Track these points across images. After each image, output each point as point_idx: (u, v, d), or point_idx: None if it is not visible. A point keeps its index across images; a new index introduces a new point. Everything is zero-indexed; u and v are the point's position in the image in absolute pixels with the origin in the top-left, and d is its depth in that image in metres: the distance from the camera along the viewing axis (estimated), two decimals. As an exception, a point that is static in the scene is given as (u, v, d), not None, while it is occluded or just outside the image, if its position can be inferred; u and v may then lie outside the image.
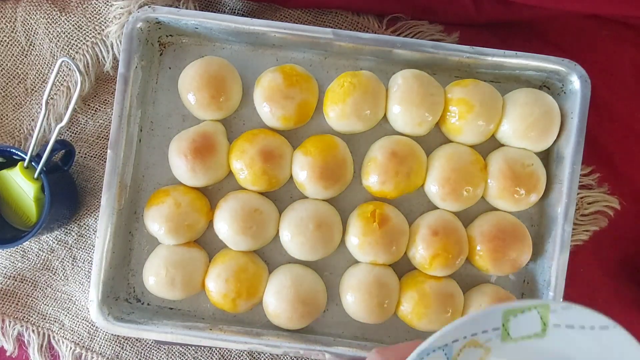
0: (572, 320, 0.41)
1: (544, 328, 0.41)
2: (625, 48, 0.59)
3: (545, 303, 0.40)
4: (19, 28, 0.57)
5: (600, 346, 0.41)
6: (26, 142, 0.58)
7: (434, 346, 0.41)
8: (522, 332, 0.41)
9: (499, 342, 0.42)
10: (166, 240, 0.53)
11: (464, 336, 0.41)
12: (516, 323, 0.41)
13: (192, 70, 0.53)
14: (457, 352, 0.42)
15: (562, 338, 0.41)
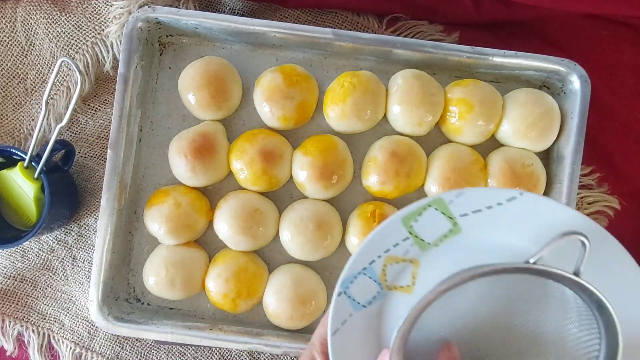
0: (475, 204, 0.40)
1: (453, 222, 0.40)
2: (625, 48, 0.59)
3: (437, 197, 0.40)
4: (19, 28, 0.57)
5: (516, 218, 0.39)
6: (26, 142, 0.58)
7: (353, 273, 0.41)
8: (435, 234, 0.41)
9: (420, 252, 0.41)
10: (166, 240, 0.53)
11: (377, 255, 0.41)
12: (422, 227, 0.40)
13: (192, 70, 0.53)
14: (382, 272, 0.41)
15: (477, 225, 0.40)
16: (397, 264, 0.41)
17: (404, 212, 0.40)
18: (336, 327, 0.40)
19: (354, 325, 0.41)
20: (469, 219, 0.40)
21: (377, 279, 0.41)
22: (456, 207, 0.40)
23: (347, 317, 0.41)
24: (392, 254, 0.41)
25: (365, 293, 0.41)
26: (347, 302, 0.41)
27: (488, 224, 0.40)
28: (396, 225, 0.40)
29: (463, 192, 0.39)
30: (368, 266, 0.41)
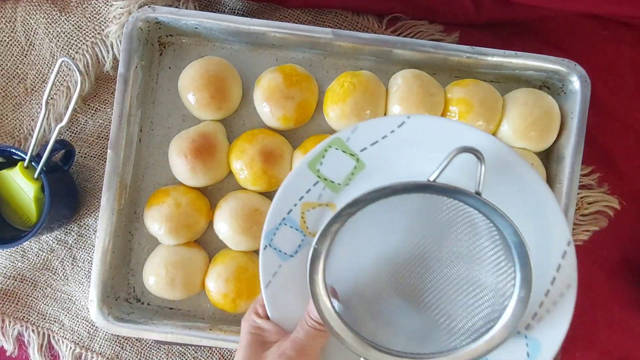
0: (370, 137, 0.41)
1: (356, 159, 0.41)
2: (625, 48, 0.59)
3: (334, 137, 0.41)
4: (19, 28, 0.57)
5: (412, 142, 0.41)
6: (26, 142, 0.58)
7: (274, 225, 0.42)
8: (342, 173, 0.42)
9: (334, 194, 0.42)
10: (166, 240, 0.53)
11: (293, 204, 0.42)
12: (328, 169, 0.42)
13: (192, 70, 0.53)
14: (301, 219, 0.42)
15: (378, 157, 0.41)
16: (315, 210, 0.42)
17: (307, 157, 0.41)
18: (268, 280, 0.42)
19: (285, 275, 0.42)
20: (369, 152, 0.41)
21: (298, 228, 0.42)
22: (354, 143, 0.41)
23: (277, 268, 0.42)
24: (307, 201, 0.42)
25: (290, 243, 0.42)
26: (274, 254, 0.42)
27: (388, 153, 0.41)
28: (304, 171, 0.42)
29: (357, 127, 0.41)
30: (287, 216, 0.42)
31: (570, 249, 0.39)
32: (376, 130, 0.41)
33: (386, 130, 0.41)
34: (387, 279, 0.39)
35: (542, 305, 0.40)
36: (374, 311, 0.39)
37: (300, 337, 0.38)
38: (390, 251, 0.39)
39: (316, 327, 0.38)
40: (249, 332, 0.41)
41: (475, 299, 0.37)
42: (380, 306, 0.39)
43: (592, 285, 0.58)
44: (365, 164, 0.42)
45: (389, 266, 0.39)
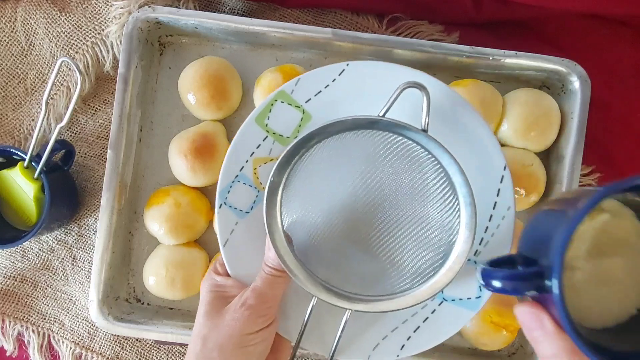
0: (314, 87, 0.42)
1: (301, 110, 0.43)
2: (625, 48, 0.59)
3: (279, 90, 0.42)
4: (19, 28, 0.57)
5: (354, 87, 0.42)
6: (26, 142, 0.58)
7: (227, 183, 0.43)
8: (290, 126, 0.43)
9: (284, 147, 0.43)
10: (166, 240, 0.53)
11: (245, 160, 0.43)
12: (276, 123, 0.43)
13: (192, 70, 0.53)
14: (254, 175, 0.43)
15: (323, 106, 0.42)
16: (266, 165, 0.43)
17: (254, 112, 0.42)
18: (225, 238, 0.43)
19: (242, 232, 0.43)
20: (314, 102, 0.42)
21: (252, 184, 0.43)
22: (299, 95, 0.42)
23: (234, 226, 0.43)
24: (258, 156, 0.43)
25: (245, 200, 0.43)
26: (230, 212, 0.43)
27: (332, 102, 0.42)
28: (252, 127, 0.42)
29: (299, 78, 0.42)
30: (239, 173, 0.43)
31: (506, 172, 0.41)
32: (318, 80, 0.42)
33: (328, 79, 0.42)
34: (339, 223, 0.40)
35: (487, 230, 0.42)
36: (328, 256, 0.40)
37: (260, 285, 0.39)
38: (341, 195, 0.40)
39: (274, 273, 0.39)
40: (209, 291, 0.41)
41: (426, 236, 0.39)
42: (335, 251, 0.40)
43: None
44: (311, 115, 0.43)
45: (341, 210, 0.40)
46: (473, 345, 0.55)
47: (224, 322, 0.38)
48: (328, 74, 0.42)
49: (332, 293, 0.39)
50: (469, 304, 0.42)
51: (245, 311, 0.38)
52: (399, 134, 0.38)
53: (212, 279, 0.42)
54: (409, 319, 0.43)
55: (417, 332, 0.43)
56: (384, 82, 0.41)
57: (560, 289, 0.27)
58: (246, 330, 0.38)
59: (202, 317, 0.40)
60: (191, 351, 0.39)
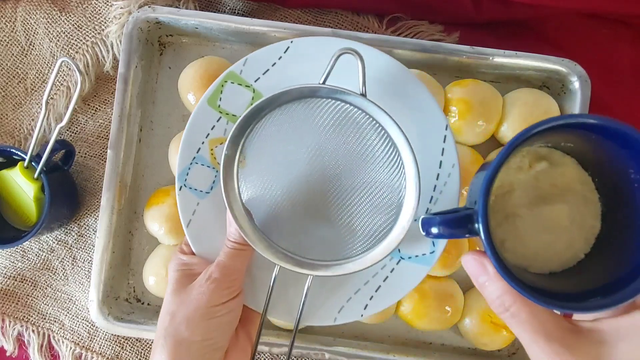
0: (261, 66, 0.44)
1: (251, 89, 0.44)
2: (625, 47, 0.59)
3: (228, 71, 0.44)
4: (19, 28, 0.57)
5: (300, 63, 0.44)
6: (26, 142, 0.58)
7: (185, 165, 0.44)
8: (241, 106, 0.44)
9: None
10: (166, 240, 0.53)
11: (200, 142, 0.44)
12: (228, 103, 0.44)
13: (192, 70, 0.53)
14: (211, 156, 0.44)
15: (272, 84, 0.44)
16: (222, 145, 0.44)
17: (206, 94, 0.44)
18: (188, 219, 0.44)
19: (204, 211, 0.44)
20: (262, 81, 0.44)
21: (209, 164, 0.44)
22: (247, 75, 0.44)
23: (195, 206, 0.44)
24: (213, 137, 0.44)
25: (204, 180, 0.44)
26: (190, 194, 0.44)
27: (280, 79, 0.44)
28: (204, 109, 0.44)
29: (247, 58, 0.44)
30: (196, 155, 0.44)
31: (448, 132, 0.43)
32: (265, 58, 0.44)
33: (274, 57, 0.44)
34: (295, 192, 0.41)
35: (435, 189, 0.44)
36: (287, 226, 0.42)
37: (224, 259, 0.40)
38: (294, 166, 0.41)
39: (236, 247, 0.41)
40: (176, 270, 0.42)
41: (377, 199, 0.40)
42: (293, 220, 0.42)
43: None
44: (261, 93, 0.44)
45: (296, 180, 0.41)
46: (473, 345, 0.55)
47: (190, 297, 0.40)
48: (274, 52, 0.44)
49: (293, 261, 0.41)
50: (424, 260, 0.45)
51: (211, 284, 0.39)
52: (341, 101, 0.39)
53: (178, 259, 0.43)
54: (370, 280, 0.45)
55: (378, 291, 0.45)
56: (328, 57, 0.42)
57: (485, 229, 0.28)
58: (212, 303, 0.39)
59: (169, 295, 0.41)
60: (160, 327, 0.40)
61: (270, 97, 0.39)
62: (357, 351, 0.52)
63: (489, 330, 0.52)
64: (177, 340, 0.38)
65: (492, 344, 0.53)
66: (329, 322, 0.45)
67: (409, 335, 0.55)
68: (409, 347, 0.54)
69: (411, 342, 0.55)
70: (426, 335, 0.55)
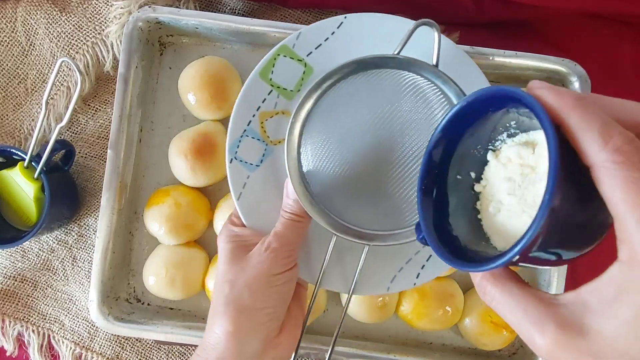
0: (314, 40, 0.44)
1: (303, 63, 0.45)
2: (625, 47, 0.59)
3: (281, 45, 0.44)
4: (19, 28, 0.57)
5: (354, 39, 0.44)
6: (26, 142, 0.58)
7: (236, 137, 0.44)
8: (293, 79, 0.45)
9: (288, 101, 0.45)
10: (166, 240, 0.53)
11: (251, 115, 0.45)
12: (280, 76, 0.44)
13: (192, 70, 0.53)
14: (261, 129, 0.45)
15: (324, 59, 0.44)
16: (272, 118, 0.45)
17: (258, 67, 0.44)
18: (239, 192, 0.44)
19: (254, 185, 0.44)
20: (314, 55, 0.44)
21: (260, 137, 0.45)
22: (300, 49, 0.44)
23: (245, 179, 0.44)
24: (264, 110, 0.45)
25: (255, 153, 0.45)
26: (241, 166, 0.44)
27: (333, 54, 0.44)
28: (256, 82, 0.44)
29: (300, 32, 0.44)
30: (247, 127, 0.44)
31: None
32: (318, 33, 0.44)
33: (327, 32, 0.44)
34: (355, 163, 0.41)
35: None
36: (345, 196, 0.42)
37: (281, 229, 0.41)
38: (357, 137, 0.41)
39: (293, 218, 0.41)
40: (228, 242, 0.42)
41: None
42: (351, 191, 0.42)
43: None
44: (313, 67, 0.44)
45: (357, 151, 0.41)
46: (473, 345, 0.55)
47: (249, 265, 0.40)
48: (328, 26, 0.44)
49: (350, 231, 0.41)
50: None
51: (270, 254, 0.40)
52: (411, 71, 0.39)
53: (229, 230, 0.44)
54: (421, 250, 0.45)
55: (429, 260, 0.45)
56: (381, 33, 0.43)
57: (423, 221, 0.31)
58: (272, 271, 0.40)
59: (225, 264, 0.41)
60: (219, 295, 0.40)
61: (340, 67, 0.39)
62: (357, 351, 0.52)
63: (489, 330, 0.52)
64: (239, 307, 0.39)
65: (492, 344, 0.53)
66: (382, 291, 0.45)
67: (409, 335, 0.55)
68: (409, 347, 0.54)
69: (411, 342, 0.55)
70: (426, 335, 0.55)
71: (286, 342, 0.41)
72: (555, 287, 0.52)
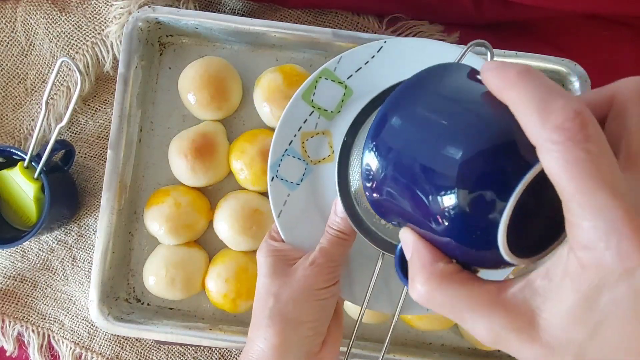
0: (354, 64, 0.45)
1: (344, 86, 0.46)
2: (625, 48, 0.59)
3: (323, 68, 0.45)
4: (19, 28, 0.57)
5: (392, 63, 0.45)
6: (26, 142, 0.58)
7: (278, 156, 0.45)
8: (334, 101, 0.46)
9: (328, 122, 0.46)
10: (166, 240, 0.53)
11: (293, 135, 0.46)
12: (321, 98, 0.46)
13: (192, 70, 0.53)
14: (302, 149, 0.46)
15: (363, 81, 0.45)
16: (313, 138, 0.46)
17: (301, 89, 0.45)
18: (279, 209, 0.45)
19: (294, 203, 0.45)
20: (355, 78, 0.46)
21: (300, 157, 0.46)
22: (341, 72, 0.46)
23: (286, 197, 0.45)
24: (305, 130, 0.46)
25: (295, 172, 0.46)
26: (282, 185, 0.45)
27: (372, 78, 0.45)
28: (299, 103, 0.45)
29: (341, 56, 0.45)
30: (288, 147, 0.45)
31: None
32: (359, 57, 0.45)
33: (367, 56, 0.45)
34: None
35: None
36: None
37: (326, 245, 0.41)
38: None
39: (339, 235, 0.41)
40: (269, 256, 0.42)
41: None
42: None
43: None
44: (353, 90, 0.46)
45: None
46: (473, 345, 0.55)
47: (294, 279, 0.40)
48: (367, 51, 0.45)
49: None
50: None
51: (315, 268, 0.40)
52: None
53: (270, 245, 0.44)
54: None
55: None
56: (419, 58, 0.43)
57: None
58: (317, 286, 0.40)
59: (267, 277, 0.41)
60: (262, 308, 0.40)
61: (393, 86, 0.39)
62: (357, 351, 0.52)
63: (489, 331, 0.52)
64: (285, 320, 0.38)
65: (492, 344, 0.53)
66: (423, 311, 0.45)
67: (409, 335, 0.55)
68: (408, 347, 0.54)
69: (411, 342, 0.55)
70: (426, 335, 0.55)
71: (327, 358, 0.40)
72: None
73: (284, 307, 0.39)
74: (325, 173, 0.46)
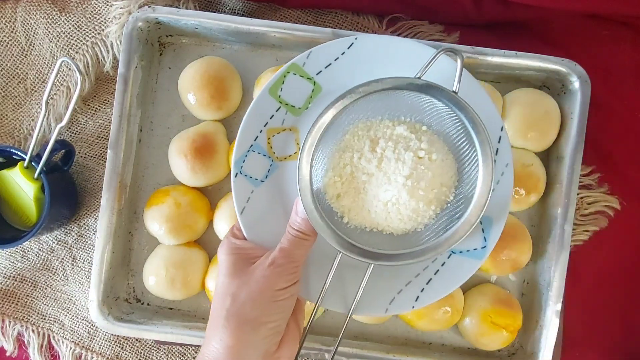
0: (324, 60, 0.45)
1: (312, 82, 0.45)
2: (625, 48, 0.59)
3: (291, 63, 0.44)
4: (19, 28, 0.57)
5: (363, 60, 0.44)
6: (26, 142, 0.58)
7: (242, 152, 0.45)
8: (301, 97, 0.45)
9: (296, 118, 0.45)
10: (166, 240, 0.53)
11: (259, 130, 0.45)
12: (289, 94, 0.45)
13: (192, 70, 0.53)
14: (268, 145, 0.45)
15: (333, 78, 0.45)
16: (279, 134, 0.45)
17: (268, 84, 0.44)
18: (242, 206, 0.45)
19: (258, 200, 0.45)
20: (324, 74, 0.45)
21: (266, 153, 0.45)
22: (310, 67, 0.45)
23: (250, 194, 0.45)
24: (271, 126, 0.45)
25: (260, 169, 0.45)
26: (246, 181, 0.45)
27: (342, 74, 0.45)
28: (266, 98, 0.45)
29: (311, 51, 0.44)
30: (254, 143, 0.45)
31: (503, 133, 0.45)
32: (329, 53, 0.45)
33: (338, 52, 0.45)
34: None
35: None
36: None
37: (287, 246, 0.41)
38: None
39: (299, 235, 0.41)
40: (230, 254, 0.42)
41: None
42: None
43: (592, 285, 0.58)
44: (321, 86, 0.45)
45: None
46: (473, 345, 0.55)
47: (253, 279, 0.40)
48: (338, 47, 0.44)
49: (356, 250, 0.41)
50: (475, 254, 0.45)
51: (275, 269, 0.40)
52: (429, 95, 0.40)
53: (231, 242, 0.43)
54: (421, 273, 0.46)
55: (429, 284, 0.45)
56: (391, 55, 0.43)
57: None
58: (277, 286, 0.40)
59: (226, 277, 0.41)
60: (219, 308, 0.40)
61: (357, 86, 0.39)
62: (357, 351, 0.52)
63: (489, 330, 0.52)
64: (242, 321, 0.38)
65: (492, 344, 0.53)
66: (380, 313, 0.45)
67: (409, 335, 0.55)
68: (409, 347, 0.54)
69: (411, 342, 0.55)
70: (426, 335, 0.55)
71: (284, 357, 0.41)
72: (556, 287, 0.52)
73: (241, 307, 0.39)
74: (291, 170, 0.45)
